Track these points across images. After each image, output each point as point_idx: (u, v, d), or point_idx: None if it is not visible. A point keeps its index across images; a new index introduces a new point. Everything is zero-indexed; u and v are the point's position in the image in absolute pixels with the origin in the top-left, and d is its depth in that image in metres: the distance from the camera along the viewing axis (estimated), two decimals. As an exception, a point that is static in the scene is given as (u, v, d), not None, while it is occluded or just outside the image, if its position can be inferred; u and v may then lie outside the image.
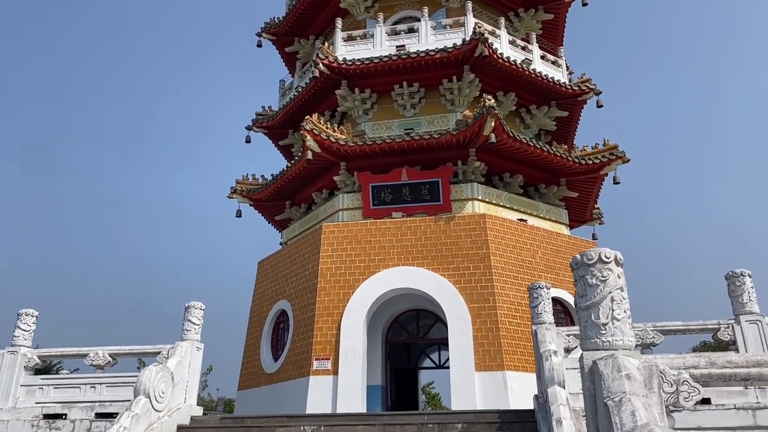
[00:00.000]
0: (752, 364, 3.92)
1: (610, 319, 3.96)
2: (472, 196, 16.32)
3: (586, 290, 4.08)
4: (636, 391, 3.60)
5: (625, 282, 4.12)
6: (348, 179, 16.99)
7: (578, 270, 4.18)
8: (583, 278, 4.12)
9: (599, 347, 3.95)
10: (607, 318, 3.96)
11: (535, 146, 16.37)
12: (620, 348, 3.90)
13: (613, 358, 3.75)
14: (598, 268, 4.04)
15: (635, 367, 3.72)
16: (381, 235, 15.91)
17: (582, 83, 18.87)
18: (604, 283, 4.02)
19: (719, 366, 3.99)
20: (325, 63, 17.09)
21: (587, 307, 4.04)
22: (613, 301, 3.99)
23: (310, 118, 16.10)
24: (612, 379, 3.66)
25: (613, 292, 4.01)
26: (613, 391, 3.62)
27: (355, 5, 19.30)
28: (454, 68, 17.22)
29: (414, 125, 17.66)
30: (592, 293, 4.04)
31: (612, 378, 3.66)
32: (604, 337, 3.93)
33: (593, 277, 4.04)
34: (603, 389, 3.65)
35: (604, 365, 3.74)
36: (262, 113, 20.57)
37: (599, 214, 21.05)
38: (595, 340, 3.98)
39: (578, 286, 4.18)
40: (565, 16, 21.12)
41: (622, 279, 4.09)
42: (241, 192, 19.47)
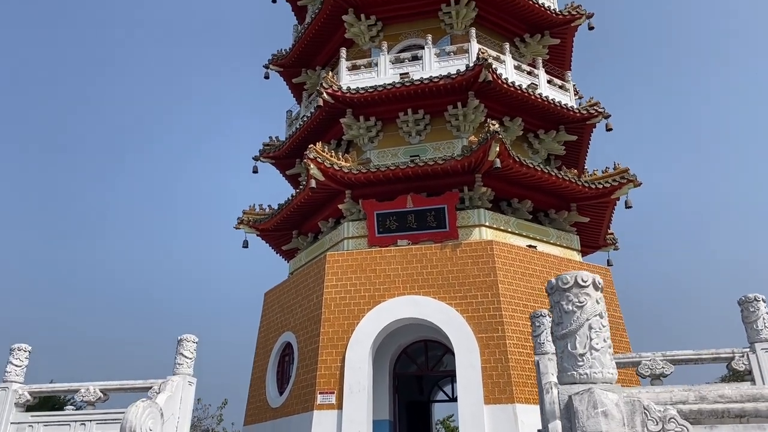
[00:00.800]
0: (747, 399, 3.52)
1: (587, 349, 3.60)
2: (479, 222, 15.97)
3: (562, 317, 3.74)
4: (614, 430, 3.23)
5: (604, 308, 3.78)
6: (353, 207, 16.80)
7: (553, 295, 3.85)
8: (558, 304, 3.78)
9: (576, 380, 3.58)
10: (585, 348, 3.60)
11: (543, 171, 16.03)
12: (599, 381, 3.53)
13: (590, 392, 3.38)
14: (574, 293, 3.70)
15: (614, 402, 3.35)
16: (386, 263, 15.60)
17: (590, 107, 18.57)
18: (581, 310, 3.67)
19: (710, 401, 3.59)
20: (329, 92, 17.09)
21: (563, 335, 3.69)
22: (591, 329, 3.64)
23: (314, 147, 16.03)
24: (587, 417, 3.29)
25: (591, 319, 3.66)
26: (588, 430, 3.25)
27: (360, 35, 19.40)
28: (459, 94, 17.08)
29: (420, 152, 17.48)
30: (568, 320, 3.70)
31: (587, 416, 3.30)
32: (582, 369, 3.57)
33: (569, 303, 3.70)
34: (577, 428, 3.29)
35: (579, 401, 3.37)
36: (269, 143, 20.61)
37: (613, 239, 20.48)
38: (571, 373, 3.62)
39: (554, 313, 3.84)
40: (572, 40, 20.96)
41: (601, 305, 3.75)
42: (247, 222, 19.39)
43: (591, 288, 3.74)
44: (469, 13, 18.64)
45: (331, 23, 19.70)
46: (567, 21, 19.98)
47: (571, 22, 20.04)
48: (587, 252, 20.38)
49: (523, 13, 19.58)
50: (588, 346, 3.63)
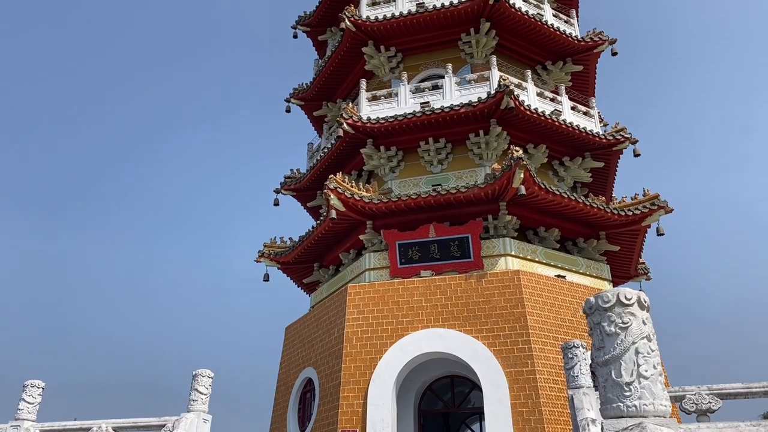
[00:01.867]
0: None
1: (635, 376, 3.14)
2: (505, 251, 15.46)
3: (603, 341, 3.29)
4: (672, 471, 2.75)
5: (653, 330, 3.32)
6: (374, 238, 16.45)
7: (592, 316, 3.41)
8: (599, 326, 3.34)
9: (623, 413, 3.11)
10: (632, 376, 3.14)
11: (570, 198, 15.54)
12: (650, 414, 3.06)
13: (641, 428, 2.92)
14: (617, 312, 3.27)
15: (670, 439, 2.88)
16: (409, 295, 15.12)
17: (616, 132, 18.12)
18: (625, 332, 3.23)
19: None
20: (349, 122, 16.98)
21: (606, 362, 3.24)
22: (639, 354, 3.18)
23: (334, 177, 15.83)
24: (640, 456, 2.82)
25: (637, 342, 3.22)
26: (642, 471, 2.78)
27: (380, 66, 19.39)
28: (481, 122, 16.82)
29: (442, 181, 17.16)
30: (611, 344, 3.25)
31: (639, 454, 2.82)
32: (629, 400, 3.10)
33: (612, 324, 3.26)
34: (628, 469, 2.82)
35: (628, 437, 2.91)
36: (291, 176, 20.53)
37: (645, 268, 19.69)
38: (617, 405, 3.15)
39: (594, 337, 3.40)
40: (595, 66, 20.66)
41: (648, 326, 3.29)
42: (269, 255, 19.14)
43: (636, 307, 3.30)
44: (490, 41, 18.52)
45: (351, 56, 19.75)
46: (589, 48, 19.73)
47: (594, 48, 19.78)
48: (618, 282, 19.62)
49: (545, 41, 19.40)
50: (635, 373, 3.17)
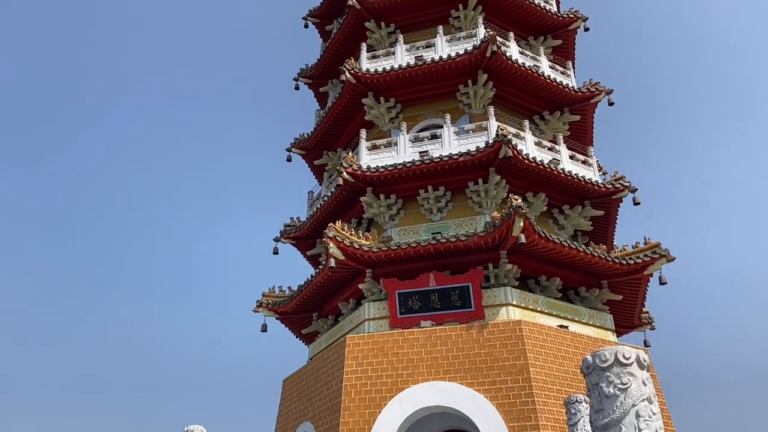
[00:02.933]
0: None
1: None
2: (506, 301, 15.25)
3: (602, 403, 3.15)
4: None
5: (653, 391, 3.18)
6: (374, 287, 16.28)
7: (590, 376, 3.28)
8: (597, 387, 3.21)
9: (625, 482, 2.95)
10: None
11: (570, 246, 15.44)
12: (653, 483, 2.89)
13: (644, 497, 2.75)
14: (615, 372, 3.14)
15: None
16: (409, 346, 14.84)
17: (615, 181, 18.18)
18: (625, 393, 3.09)
19: None
20: (349, 171, 17.09)
21: (605, 426, 3.09)
22: (639, 418, 3.04)
23: (333, 226, 15.80)
24: None
25: (638, 404, 3.07)
26: None
27: (379, 117, 19.67)
28: (480, 171, 16.91)
29: (442, 229, 17.11)
30: (610, 407, 3.11)
31: None
32: (631, 467, 2.95)
33: (610, 385, 3.13)
34: None
35: None
36: (290, 224, 20.52)
37: (649, 318, 19.39)
38: (618, 472, 2.99)
39: (593, 398, 3.25)
40: (592, 116, 20.93)
41: (649, 387, 3.16)
42: (267, 305, 18.93)
43: (635, 366, 3.18)
44: (487, 93, 18.82)
45: (352, 106, 20.07)
46: (586, 98, 20.03)
47: (591, 98, 20.07)
48: (622, 332, 19.30)
49: (542, 92, 19.71)
50: (637, 438, 3.02)
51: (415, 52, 19.58)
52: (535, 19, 21.52)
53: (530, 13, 21.28)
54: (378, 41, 21.25)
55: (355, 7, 20.56)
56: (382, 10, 20.90)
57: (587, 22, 21.85)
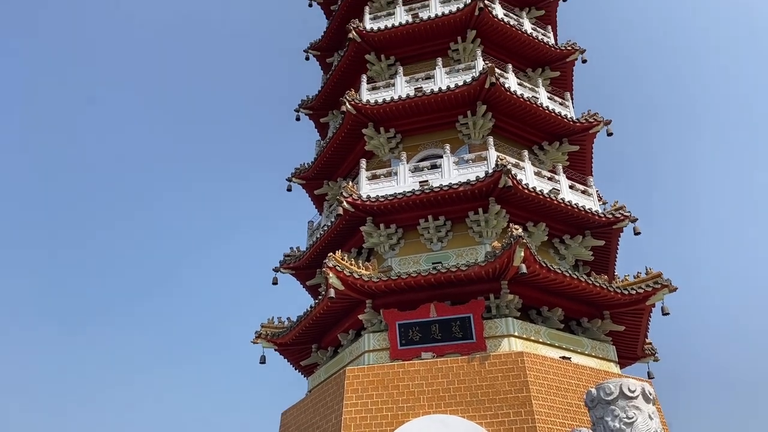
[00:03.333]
0: None
1: (646, 478, 2.88)
2: (508, 332, 15.07)
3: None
4: None
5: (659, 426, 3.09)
6: (374, 318, 16.12)
7: (595, 410, 3.19)
8: (602, 421, 3.12)
9: None
10: (643, 477, 2.89)
11: (571, 276, 15.35)
12: None
13: None
14: (620, 406, 3.06)
15: None
16: (410, 378, 14.61)
17: (615, 210, 18.18)
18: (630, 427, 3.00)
19: None
20: (349, 201, 17.10)
21: (614, 460, 2.99)
22: (648, 453, 2.94)
23: (333, 255, 15.73)
24: None
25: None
26: None
27: (379, 147, 19.78)
28: (479, 200, 16.92)
29: (442, 259, 17.04)
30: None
31: None
32: (641, 505, 2.83)
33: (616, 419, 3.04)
34: None
35: None
36: (290, 254, 20.45)
37: (652, 349, 19.14)
38: None
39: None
40: (591, 146, 21.04)
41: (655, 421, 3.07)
42: (266, 336, 18.72)
43: (641, 399, 3.10)
44: (486, 123, 18.97)
45: (352, 137, 20.21)
46: (585, 128, 20.17)
47: (589, 129, 20.21)
48: (625, 364, 19.02)
49: (540, 123, 19.87)
50: (646, 474, 2.91)
51: (415, 83, 19.81)
52: (533, 52, 21.83)
53: (528, 46, 21.61)
54: (378, 73, 21.52)
55: (355, 40, 20.88)
56: (382, 43, 21.23)
57: (585, 54, 22.16)
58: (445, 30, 20.81)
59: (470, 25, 20.54)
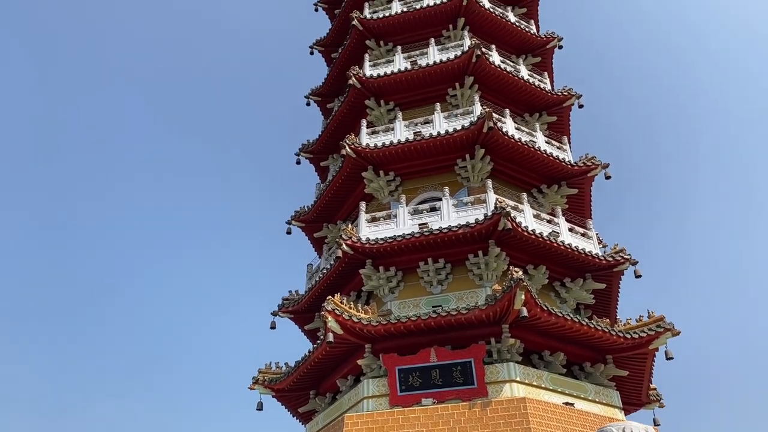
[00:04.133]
0: None
1: None
2: (510, 377, 14.79)
3: (615, 485, 2.94)
4: None
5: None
6: (373, 363, 15.84)
7: (601, 455, 3.08)
8: (609, 467, 3.01)
9: None
10: None
11: (573, 320, 15.18)
12: None
13: None
14: (627, 451, 2.95)
15: None
16: (410, 426, 14.25)
17: (616, 253, 18.13)
18: (638, 474, 2.89)
19: None
20: (349, 243, 17.08)
21: None
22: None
23: (332, 299, 15.59)
24: None
25: (653, 486, 2.87)
26: None
27: (379, 190, 19.91)
28: (479, 243, 16.91)
29: (442, 302, 16.92)
30: (624, 489, 2.90)
31: None
32: None
33: (623, 466, 2.93)
34: None
35: None
36: (289, 297, 20.29)
37: (657, 395, 18.77)
38: None
39: (605, 480, 3.04)
40: (590, 189, 21.18)
41: (663, 467, 2.97)
42: (263, 382, 18.37)
43: (648, 445, 2.99)
44: (485, 166, 19.15)
45: (352, 180, 20.37)
46: (583, 172, 20.34)
47: (587, 173, 20.38)
48: (630, 410, 18.63)
49: (538, 166, 20.06)
50: None
51: (414, 127, 20.11)
52: (530, 97, 22.26)
53: (524, 92, 22.04)
54: (377, 118, 21.86)
55: (355, 86, 21.30)
56: (381, 89, 21.65)
57: (581, 99, 22.58)
58: (443, 76, 21.25)
59: (468, 71, 20.99)
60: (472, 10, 22.82)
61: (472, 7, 22.69)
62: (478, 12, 22.93)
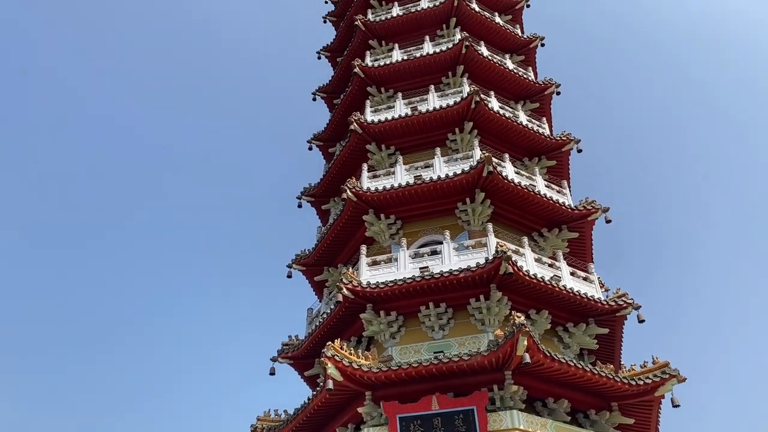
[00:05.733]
0: None
1: None
2: (513, 425, 14.44)
3: None
4: None
5: None
6: (374, 411, 15.51)
7: None
8: None
9: None
10: None
11: (576, 366, 14.94)
12: None
13: None
14: None
15: None
16: (412, 478, 13.85)
17: (618, 298, 18.02)
18: None
19: None
20: (349, 287, 16.99)
21: None
22: None
23: (332, 344, 15.38)
24: None
25: None
26: None
27: (380, 233, 19.94)
28: (481, 287, 16.83)
29: (444, 348, 16.71)
30: None
31: None
32: None
33: None
34: None
35: None
36: (288, 343, 20.06)
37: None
38: None
39: None
40: (590, 233, 21.21)
41: None
42: (261, 430, 17.96)
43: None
44: (485, 210, 19.24)
45: (352, 223, 20.43)
46: (583, 216, 20.42)
47: (587, 216, 20.46)
48: (638, 460, 18.12)
49: (539, 210, 20.15)
50: None
51: (415, 171, 20.30)
52: (529, 142, 22.55)
53: (523, 137, 22.34)
54: (378, 162, 22.09)
55: (357, 131, 21.63)
56: (382, 134, 21.96)
57: (580, 144, 22.84)
58: (443, 122, 21.59)
59: (467, 117, 21.33)
60: (471, 58, 23.35)
61: (471, 55, 23.22)
62: (476, 60, 23.46)
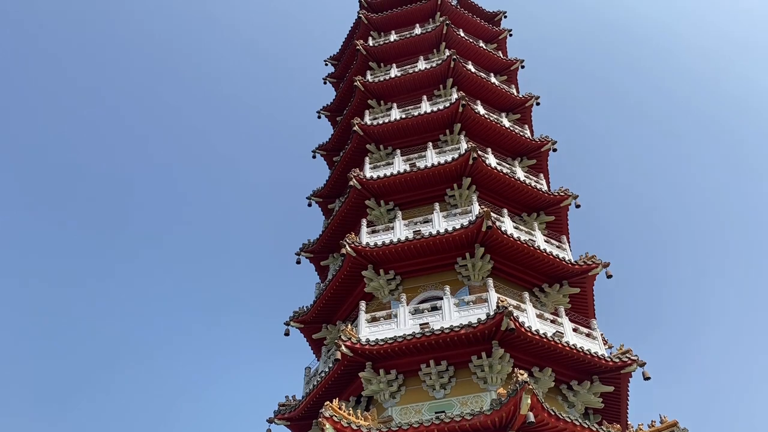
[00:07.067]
0: None
1: None
2: (518, 488, 13.83)
3: None
4: None
5: None
6: (373, 475, 14.88)
7: None
8: None
9: None
10: None
11: (582, 426, 14.45)
12: None
13: None
14: None
15: None
16: None
17: (622, 354, 17.62)
18: None
19: None
20: (348, 345, 16.63)
21: None
22: None
23: (330, 405, 14.90)
24: None
25: None
26: None
27: (379, 289, 19.73)
28: (482, 344, 16.48)
29: (446, 407, 16.19)
30: None
31: None
32: None
33: None
34: None
35: None
36: (285, 403, 19.46)
37: None
38: None
39: None
40: (592, 288, 20.99)
41: None
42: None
43: None
44: (485, 265, 19.11)
45: (352, 279, 20.24)
46: (584, 271, 20.26)
47: (588, 271, 20.30)
48: None
49: (539, 265, 20.02)
50: None
51: (414, 227, 20.30)
52: (527, 198, 22.67)
53: (521, 192, 22.49)
54: (378, 217, 22.14)
55: (356, 187, 21.78)
56: (381, 190, 22.11)
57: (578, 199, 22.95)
58: (441, 178, 21.79)
59: (465, 173, 21.54)
60: (468, 117, 23.81)
61: (467, 114, 23.69)
62: (473, 118, 23.93)
